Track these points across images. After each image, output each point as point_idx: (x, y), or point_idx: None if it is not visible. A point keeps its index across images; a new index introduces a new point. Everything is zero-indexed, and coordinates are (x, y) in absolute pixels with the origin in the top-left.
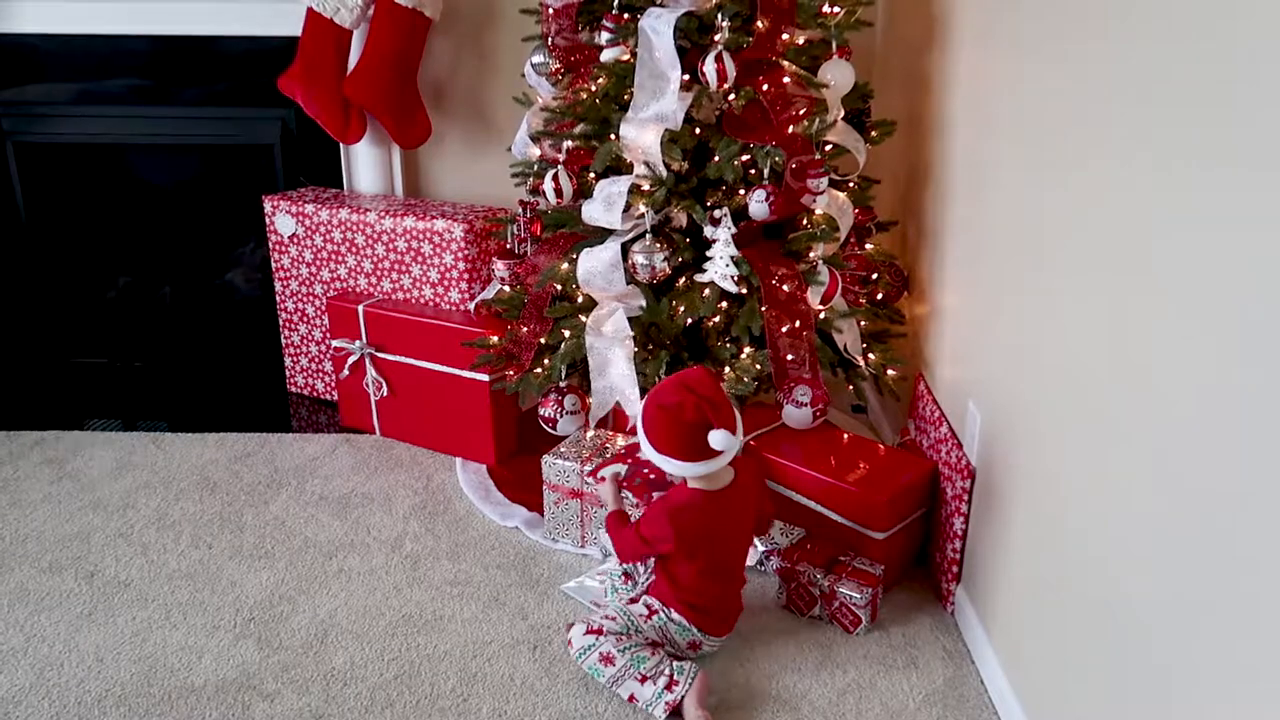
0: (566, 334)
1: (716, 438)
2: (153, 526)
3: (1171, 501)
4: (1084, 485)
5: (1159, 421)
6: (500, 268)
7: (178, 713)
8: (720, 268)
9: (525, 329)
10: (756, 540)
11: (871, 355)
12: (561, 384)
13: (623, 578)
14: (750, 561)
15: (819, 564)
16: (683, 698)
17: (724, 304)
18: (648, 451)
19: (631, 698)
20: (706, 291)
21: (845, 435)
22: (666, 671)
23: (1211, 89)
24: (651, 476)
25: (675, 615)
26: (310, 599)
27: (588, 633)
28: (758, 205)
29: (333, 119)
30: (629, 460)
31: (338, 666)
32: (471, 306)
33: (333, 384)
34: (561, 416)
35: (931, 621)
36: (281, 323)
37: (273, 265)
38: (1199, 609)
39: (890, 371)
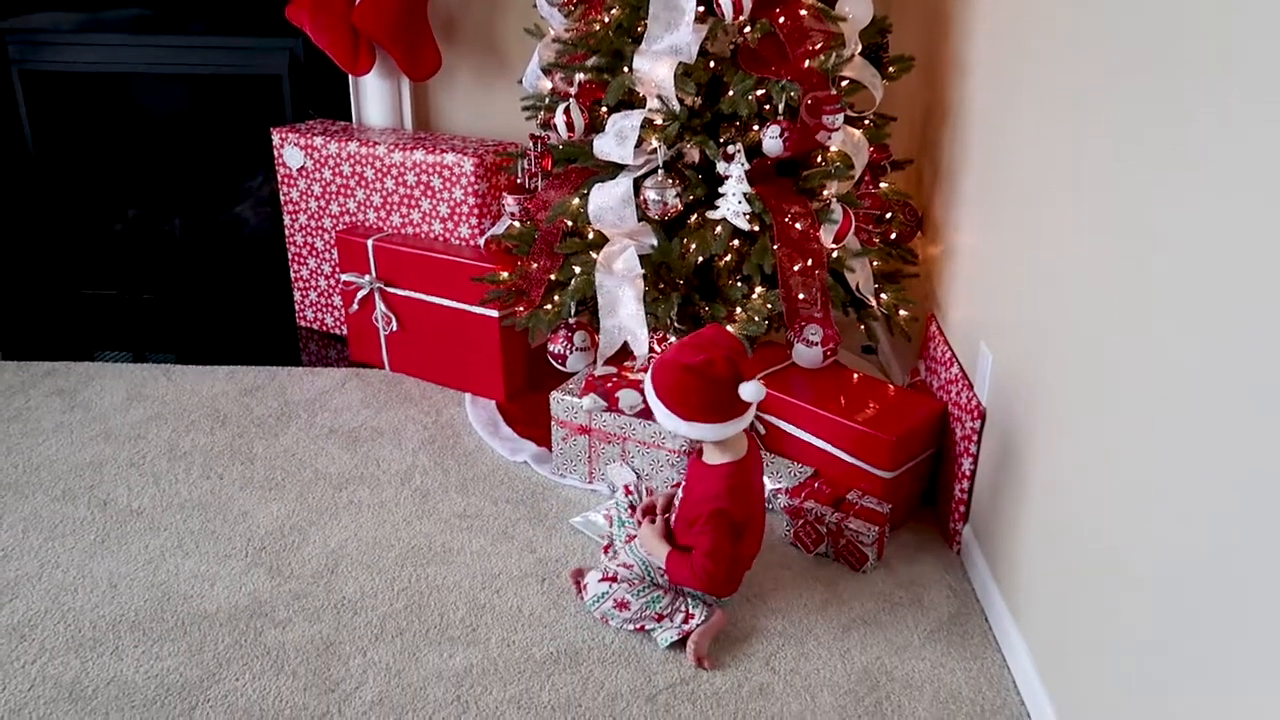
0: (577, 270)
1: (749, 390)
2: (164, 457)
3: (1180, 448)
4: (1093, 428)
5: (1170, 366)
6: (511, 203)
7: (190, 638)
8: (733, 204)
9: (535, 265)
10: (766, 479)
11: (884, 295)
12: (571, 320)
13: (629, 509)
14: None
15: (827, 502)
16: (695, 630)
17: (736, 242)
18: (673, 424)
19: (640, 628)
20: (718, 229)
21: (855, 375)
22: (683, 609)
23: (1235, 36)
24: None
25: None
26: (321, 530)
27: (602, 580)
28: (772, 141)
29: (341, 50)
30: (600, 388)
31: (348, 595)
32: (481, 242)
33: (342, 318)
34: (571, 353)
35: (937, 560)
36: (290, 256)
37: (281, 198)
38: (1202, 553)
39: (902, 312)
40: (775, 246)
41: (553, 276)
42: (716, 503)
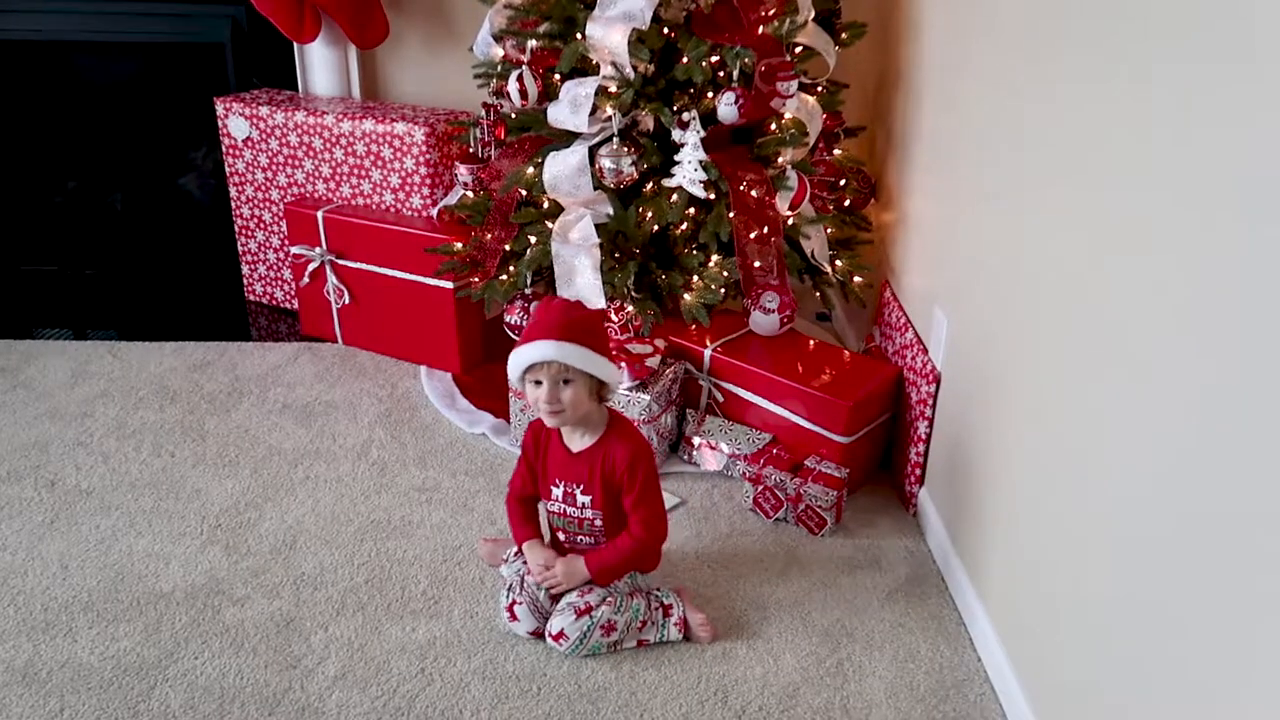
0: (532, 240)
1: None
2: (112, 435)
3: (1132, 410)
4: (1047, 391)
5: (1123, 329)
6: (463, 172)
7: (147, 618)
8: (688, 172)
9: (490, 235)
10: (725, 447)
11: (839, 262)
12: (527, 291)
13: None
14: (717, 467)
15: (785, 468)
16: (684, 613)
17: (692, 210)
18: (609, 369)
19: (640, 643)
20: (674, 197)
21: (812, 342)
22: (658, 606)
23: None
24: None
25: None
26: (277, 506)
27: (579, 615)
28: (726, 108)
29: (285, 17)
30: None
31: (307, 571)
32: (434, 212)
33: (292, 292)
34: (527, 324)
35: (894, 523)
36: (237, 229)
37: (226, 170)
38: (1152, 513)
39: (857, 278)
40: (731, 214)
41: (508, 247)
42: (644, 455)
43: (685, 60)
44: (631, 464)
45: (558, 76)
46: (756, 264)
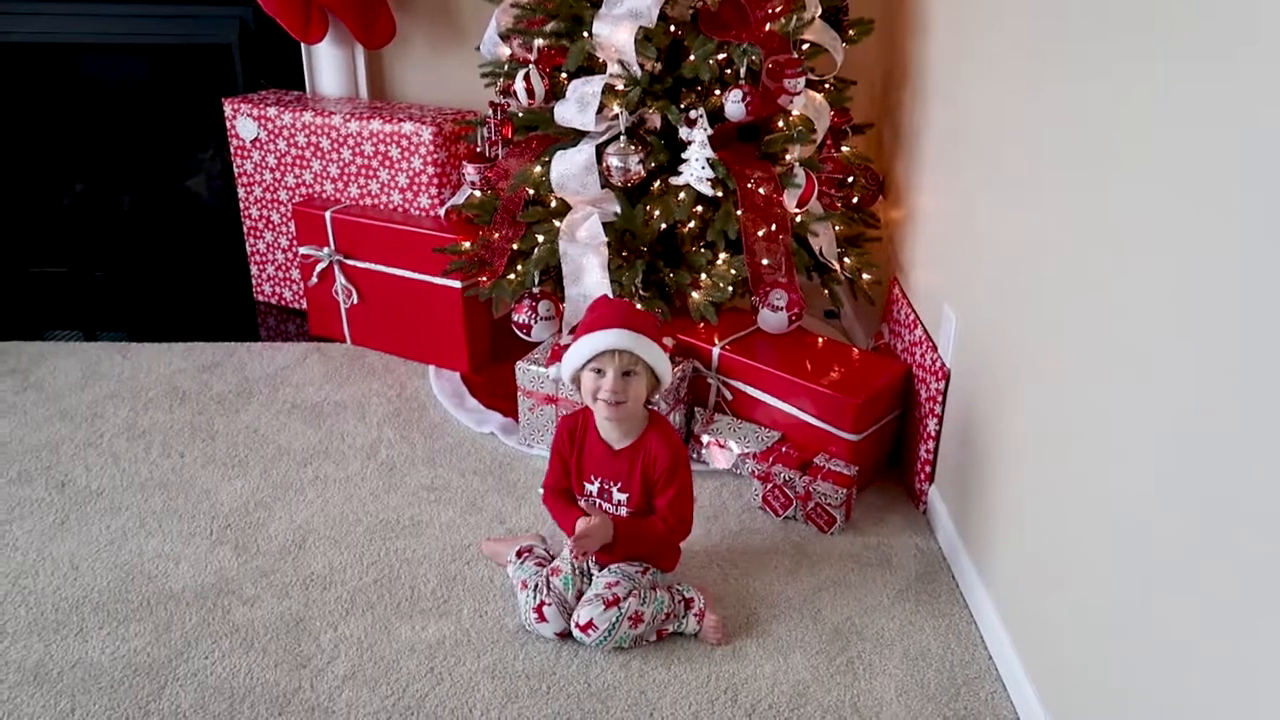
0: (540, 239)
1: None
2: (122, 436)
3: (1140, 406)
4: (1056, 386)
5: (1130, 323)
6: (471, 172)
7: (157, 618)
8: (696, 170)
9: (497, 235)
10: (734, 445)
11: (847, 259)
12: (535, 290)
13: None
14: (726, 465)
15: (794, 466)
16: (703, 606)
17: (699, 208)
18: (665, 360)
19: (660, 633)
20: (682, 195)
21: (820, 339)
22: (680, 600)
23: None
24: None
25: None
26: (286, 506)
27: (608, 607)
28: (734, 106)
29: (292, 17)
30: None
31: (317, 571)
32: (442, 212)
33: (301, 292)
34: (535, 323)
35: (904, 520)
36: (246, 230)
37: (235, 171)
38: (1161, 508)
39: (865, 275)
40: (739, 212)
41: (515, 246)
42: (679, 452)
43: (692, 58)
44: (671, 466)
45: (564, 75)
46: (764, 262)
